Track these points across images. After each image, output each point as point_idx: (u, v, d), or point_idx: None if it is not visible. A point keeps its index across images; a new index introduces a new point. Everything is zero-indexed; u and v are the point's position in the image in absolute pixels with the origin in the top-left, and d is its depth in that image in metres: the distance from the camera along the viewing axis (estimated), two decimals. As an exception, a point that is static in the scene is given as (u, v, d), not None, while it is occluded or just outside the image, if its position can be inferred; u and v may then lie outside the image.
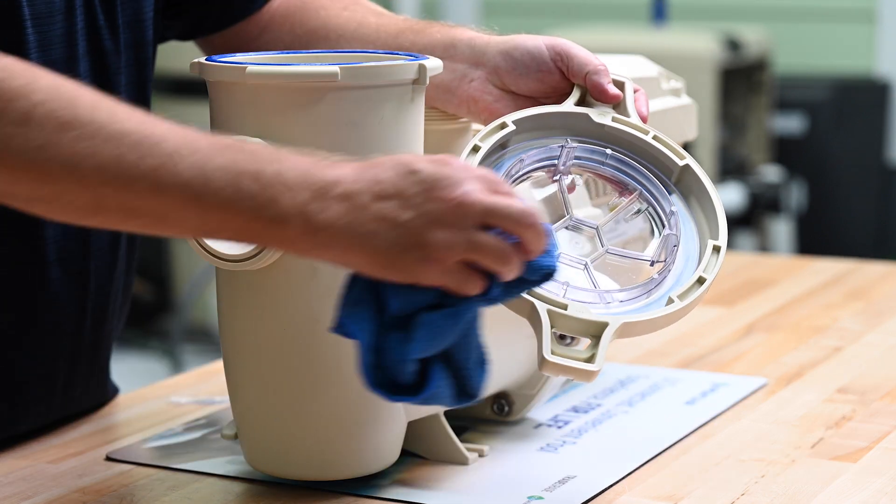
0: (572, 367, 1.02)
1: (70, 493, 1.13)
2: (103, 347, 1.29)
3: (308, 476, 1.12)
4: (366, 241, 0.93)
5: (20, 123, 0.91)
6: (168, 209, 0.93)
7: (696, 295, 1.08)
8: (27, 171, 0.91)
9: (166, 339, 4.04)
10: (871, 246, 4.14)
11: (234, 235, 0.96)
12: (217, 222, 0.94)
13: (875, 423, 1.29)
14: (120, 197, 0.92)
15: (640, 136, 1.15)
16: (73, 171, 0.91)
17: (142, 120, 0.93)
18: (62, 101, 0.92)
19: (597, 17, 4.53)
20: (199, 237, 0.98)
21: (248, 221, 0.93)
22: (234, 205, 0.93)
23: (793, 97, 4.16)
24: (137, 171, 0.92)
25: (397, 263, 0.94)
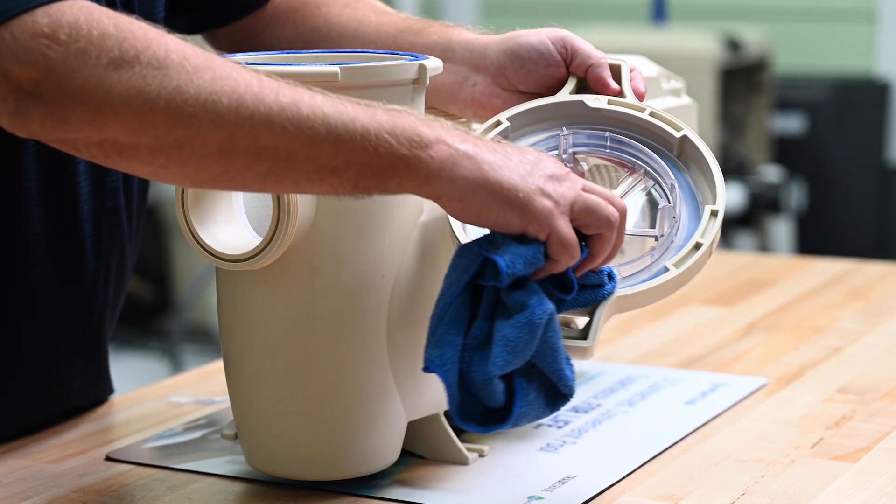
0: (567, 346, 1.02)
1: (70, 493, 1.13)
2: (101, 342, 1.29)
3: (308, 476, 1.12)
4: (496, 169, 0.97)
5: (156, 67, 0.91)
6: (299, 145, 0.94)
7: (692, 261, 1.07)
8: (161, 114, 0.91)
9: (166, 339, 4.04)
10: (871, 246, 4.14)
11: (361, 169, 0.95)
12: (346, 154, 0.95)
13: (875, 423, 1.29)
14: (252, 136, 0.93)
15: (636, 114, 1.15)
16: (210, 109, 0.92)
17: (269, 75, 0.95)
18: (195, 50, 0.93)
19: (597, 17, 4.53)
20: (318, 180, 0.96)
21: (380, 146, 0.95)
22: (368, 132, 0.95)
23: (793, 97, 4.16)
24: (275, 105, 0.93)
25: (520, 198, 0.97)
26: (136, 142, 0.92)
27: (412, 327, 1.10)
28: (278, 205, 1.03)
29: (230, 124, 0.92)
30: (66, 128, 0.91)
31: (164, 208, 4.03)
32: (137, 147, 0.92)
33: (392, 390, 1.11)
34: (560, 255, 1.00)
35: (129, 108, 0.90)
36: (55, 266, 1.21)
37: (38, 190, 1.18)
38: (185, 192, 1.06)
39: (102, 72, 0.90)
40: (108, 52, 0.90)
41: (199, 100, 0.91)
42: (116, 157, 0.93)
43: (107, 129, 0.91)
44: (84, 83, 0.89)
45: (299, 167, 0.95)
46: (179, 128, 0.92)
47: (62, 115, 0.90)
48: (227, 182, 0.96)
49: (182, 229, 1.07)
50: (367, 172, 0.96)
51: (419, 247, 1.10)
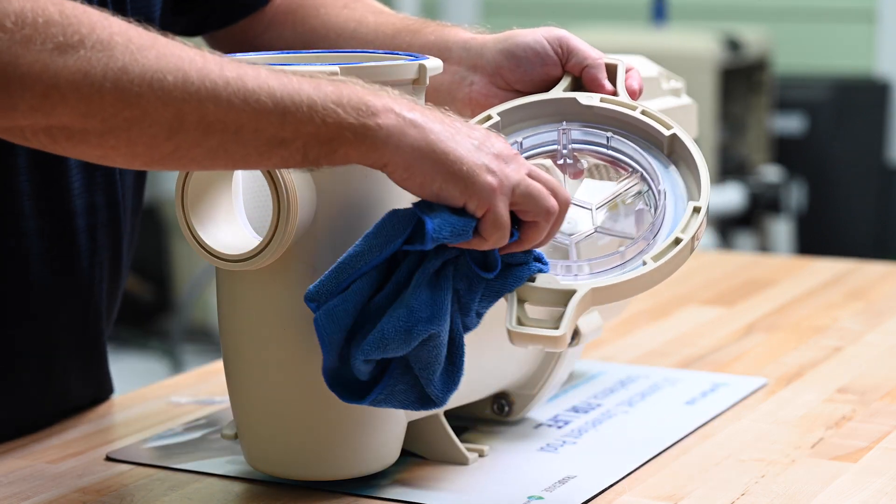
0: (536, 335, 1.02)
1: (70, 493, 1.13)
2: (99, 339, 1.29)
3: (308, 476, 1.12)
4: (444, 140, 0.97)
5: (102, 49, 0.91)
6: (247, 119, 0.94)
7: (670, 255, 1.06)
8: (107, 95, 0.91)
9: (166, 339, 4.04)
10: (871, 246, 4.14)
11: (309, 140, 0.96)
12: (294, 126, 0.95)
13: (875, 423, 1.29)
14: (200, 111, 0.93)
15: (628, 112, 1.15)
16: (156, 87, 0.92)
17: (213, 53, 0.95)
18: (139, 30, 0.93)
19: (597, 17, 4.53)
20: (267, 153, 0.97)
21: (327, 116, 0.95)
22: (315, 103, 0.95)
23: (793, 97, 4.17)
24: (220, 80, 0.93)
25: (464, 171, 0.98)
26: (84, 125, 0.92)
27: (412, 327, 1.10)
28: (278, 205, 1.03)
29: (177, 101, 0.92)
30: (14, 115, 0.91)
31: (164, 208, 4.03)
32: (86, 131, 0.93)
33: (392, 390, 1.10)
34: (490, 234, 1.00)
35: (76, 91, 0.91)
36: (49, 262, 1.21)
37: (31, 185, 1.18)
38: (185, 192, 1.06)
39: (48, 57, 0.90)
40: (53, 37, 0.90)
41: (145, 78, 0.92)
42: (65, 143, 0.94)
43: (55, 115, 0.91)
44: (29, 69, 0.90)
45: (248, 141, 0.95)
46: (127, 108, 0.92)
47: (9, 102, 0.90)
48: (178, 160, 0.96)
49: (182, 229, 1.07)
50: (314, 143, 0.96)
51: (419, 247, 1.10)
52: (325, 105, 0.95)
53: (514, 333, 1.03)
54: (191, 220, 1.07)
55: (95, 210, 1.24)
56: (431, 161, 0.97)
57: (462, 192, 0.98)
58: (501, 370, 1.24)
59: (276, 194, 1.03)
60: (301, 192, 1.03)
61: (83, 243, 1.23)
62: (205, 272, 3.88)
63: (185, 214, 1.07)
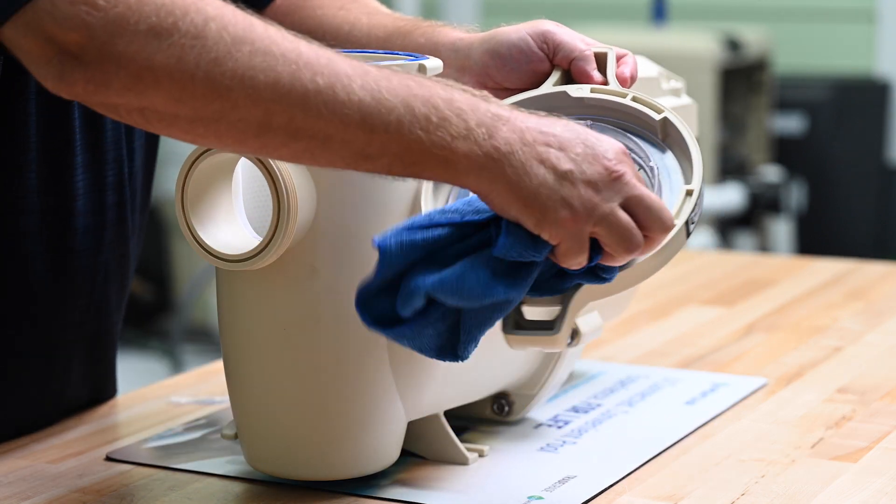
0: (533, 338, 1.02)
1: (70, 493, 1.13)
2: (103, 339, 1.30)
3: (308, 476, 1.12)
4: (520, 175, 0.96)
5: (195, 36, 0.91)
6: (334, 130, 0.94)
7: (664, 242, 1.04)
8: (199, 85, 0.91)
9: (166, 339, 4.04)
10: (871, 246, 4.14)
11: (394, 159, 0.95)
12: (380, 144, 0.95)
13: (875, 423, 1.29)
14: (288, 115, 0.93)
15: (618, 100, 1.15)
16: (247, 84, 0.91)
17: (309, 42, 0.95)
18: (234, 17, 0.93)
19: (597, 17, 4.53)
20: (353, 164, 0.97)
21: (412, 143, 0.94)
22: (402, 126, 0.94)
23: (793, 97, 4.17)
24: (312, 87, 0.93)
25: (537, 206, 0.97)
26: (175, 111, 0.92)
27: (412, 327, 1.10)
28: (278, 205, 1.03)
29: (266, 101, 0.92)
30: (108, 92, 0.91)
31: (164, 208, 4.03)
32: (177, 116, 0.93)
33: (392, 390, 1.11)
34: (564, 262, 0.99)
35: (168, 76, 0.91)
36: (49, 262, 1.21)
37: (38, 181, 1.18)
38: (185, 192, 1.06)
39: (142, 39, 0.90)
40: (147, 18, 0.90)
41: (237, 74, 0.91)
42: (157, 124, 0.94)
43: (147, 97, 0.91)
44: (125, 49, 0.90)
45: (335, 150, 0.95)
46: (217, 100, 0.92)
47: (103, 79, 0.91)
48: (267, 155, 0.97)
49: (182, 229, 1.07)
50: (398, 164, 0.96)
51: (419, 247, 1.10)
52: (412, 130, 0.94)
53: (511, 338, 1.03)
54: (191, 220, 1.07)
55: (104, 209, 1.24)
56: (507, 194, 0.97)
57: (536, 224, 0.97)
58: (501, 370, 1.24)
59: (276, 194, 1.03)
60: (301, 192, 1.03)
61: (83, 243, 1.23)
62: (205, 272, 3.88)
63: (185, 214, 1.07)
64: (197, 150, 1.05)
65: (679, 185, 1.09)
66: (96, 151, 1.22)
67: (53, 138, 1.18)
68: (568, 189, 0.97)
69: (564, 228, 0.97)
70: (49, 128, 1.17)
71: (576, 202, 0.97)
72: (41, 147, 1.17)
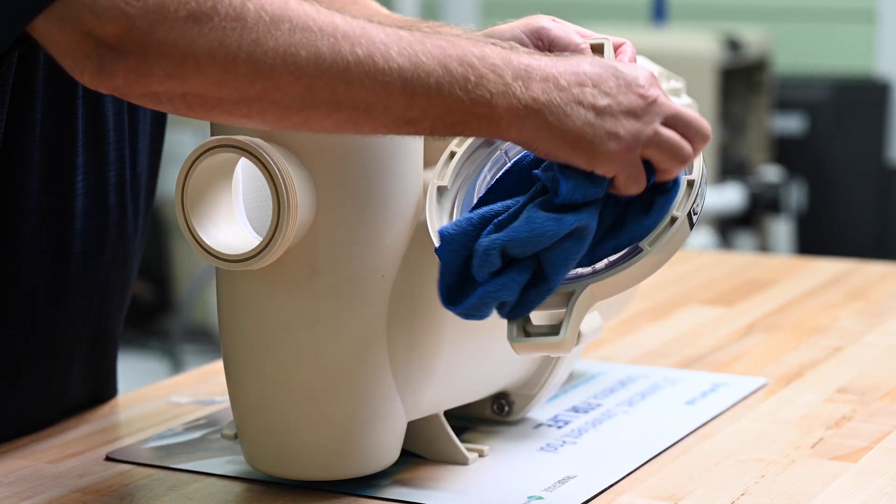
0: (539, 344, 1.02)
1: (70, 493, 1.13)
2: (104, 340, 1.30)
3: (308, 476, 1.12)
4: (562, 120, 0.99)
5: (235, 19, 0.91)
6: (376, 98, 0.95)
7: (667, 237, 1.04)
8: (241, 66, 0.92)
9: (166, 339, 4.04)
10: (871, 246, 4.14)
11: (435, 121, 0.97)
12: (421, 108, 0.96)
13: (875, 423, 1.29)
14: (331, 88, 0.94)
15: None
16: (289, 62, 0.93)
17: (342, 14, 0.96)
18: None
19: (597, 17, 4.54)
20: (395, 129, 0.99)
21: (453, 103, 0.96)
22: (442, 88, 0.96)
23: (793, 97, 4.17)
24: (352, 59, 0.94)
25: (584, 144, 0.99)
26: (218, 94, 0.93)
27: (412, 327, 1.10)
28: (278, 205, 1.03)
29: (309, 77, 0.93)
30: (150, 81, 0.92)
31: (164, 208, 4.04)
32: (220, 99, 0.94)
33: (392, 390, 1.11)
34: (625, 190, 1.02)
35: (211, 60, 0.91)
36: (48, 262, 1.21)
37: (40, 181, 1.18)
38: (185, 192, 1.06)
39: (183, 25, 0.91)
40: (186, 4, 0.91)
41: (279, 53, 0.92)
42: (199, 108, 0.94)
43: (189, 82, 0.92)
44: (166, 36, 0.91)
45: (377, 118, 0.97)
46: (260, 80, 0.93)
47: (145, 68, 0.91)
48: (308, 129, 0.98)
49: (182, 229, 1.07)
50: (441, 124, 0.98)
51: (419, 247, 1.10)
52: (452, 91, 0.96)
53: (517, 346, 1.03)
54: (191, 220, 1.07)
55: (106, 210, 1.24)
56: (553, 139, 0.99)
57: (588, 161, 1.00)
58: (501, 370, 1.24)
59: (276, 194, 1.03)
60: (301, 192, 1.03)
61: (84, 244, 1.23)
62: (205, 272, 3.88)
63: (185, 214, 1.07)
64: (197, 150, 1.05)
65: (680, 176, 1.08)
66: (98, 152, 1.22)
67: (57, 137, 1.18)
68: (610, 122, 1.00)
69: (617, 160, 1.00)
70: (53, 127, 1.17)
71: (621, 132, 1.00)
72: (45, 146, 1.17)
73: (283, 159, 1.02)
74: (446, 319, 1.12)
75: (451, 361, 1.15)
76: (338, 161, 1.05)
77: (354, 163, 1.06)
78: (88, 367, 1.30)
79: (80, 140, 1.20)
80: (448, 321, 1.13)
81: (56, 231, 1.20)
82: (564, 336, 1.01)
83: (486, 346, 1.18)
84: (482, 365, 1.20)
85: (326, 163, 1.05)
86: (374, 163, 1.06)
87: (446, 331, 1.13)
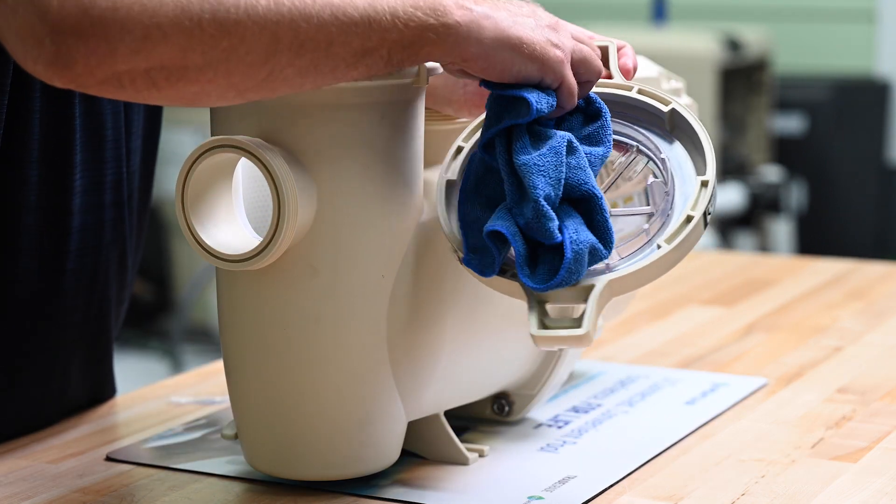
0: (561, 336, 1.02)
1: (70, 493, 1.13)
2: (102, 339, 1.30)
3: (308, 476, 1.12)
4: (515, 28, 1.03)
5: None
6: (336, 31, 0.96)
7: (683, 234, 1.05)
8: (206, 27, 0.91)
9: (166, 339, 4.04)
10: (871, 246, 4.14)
11: (393, 46, 0.99)
12: (379, 35, 0.98)
13: (875, 423, 1.29)
14: (293, 29, 0.94)
15: (624, 93, 1.15)
16: (251, 12, 0.92)
17: None
18: None
19: (597, 17, 4.54)
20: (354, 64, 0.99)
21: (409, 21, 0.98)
22: (397, 9, 0.98)
23: (793, 97, 4.17)
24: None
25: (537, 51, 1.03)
26: (184, 62, 0.92)
27: (412, 327, 1.10)
28: (278, 205, 1.03)
29: (272, 23, 0.94)
30: (114, 61, 0.90)
31: (164, 208, 4.04)
32: (185, 67, 0.92)
33: (392, 390, 1.11)
34: (567, 102, 1.06)
35: (176, 27, 0.91)
36: (50, 259, 1.21)
37: (39, 178, 1.18)
38: (185, 192, 1.06)
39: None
40: None
41: (240, 5, 0.92)
42: (164, 83, 0.93)
43: (155, 54, 0.91)
44: (129, 11, 0.89)
45: (338, 54, 0.97)
46: (226, 37, 0.92)
47: (108, 48, 0.89)
48: (271, 84, 0.97)
49: (182, 229, 1.07)
50: (398, 48, 0.99)
51: (419, 247, 1.10)
52: (406, 10, 0.98)
53: (539, 338, 1.02)
54: (191, 220, 1.07)
55: (102, 208, 1.24)
56: (509, 48, 1.02)
57: (539, 69, 1.04)
58: (501, 370, 1.24)
59: (276, 194, 1.03)
60: (301, 192, 1.03)
61: (81, 242, 1.23)
62: (205, 272, 3.88)
63: (185, 214, 1.07)
64: (197, 150, 1.05)
65: (691, 175, 1.09)
66: (96, 150, 1.22)
67: (55, 135, 1.18)
68: (548, 31, 1.05)
69: (560, 67, 1.05)
70: (51, 125, 1.17)
71: (558, 41, 1.06)
72: (43, 144, 1.17)
73: (283, 159, 1.02)
74: (446, 319, 1.12)
75: (451, 361, 1.15)
76: (338, 161, 1.05)
77: (354, 163, 1.06)
78: (88, 366, 1.30)
79: (78, 138, 1.20)
80: (448, 321, 1.13)
81: (53, 228, 1.20)
82: (587, 328, 1.01)
83: (486, 347, 1.18)
84: (482, 365, 1.20)
85: (326, 163, 1.05)
86: (374, 163, 1.06)
87: (446, 331, 1.13)
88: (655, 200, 1.10)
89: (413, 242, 1.10)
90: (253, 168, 1.09)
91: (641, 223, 1.09)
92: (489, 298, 1.15)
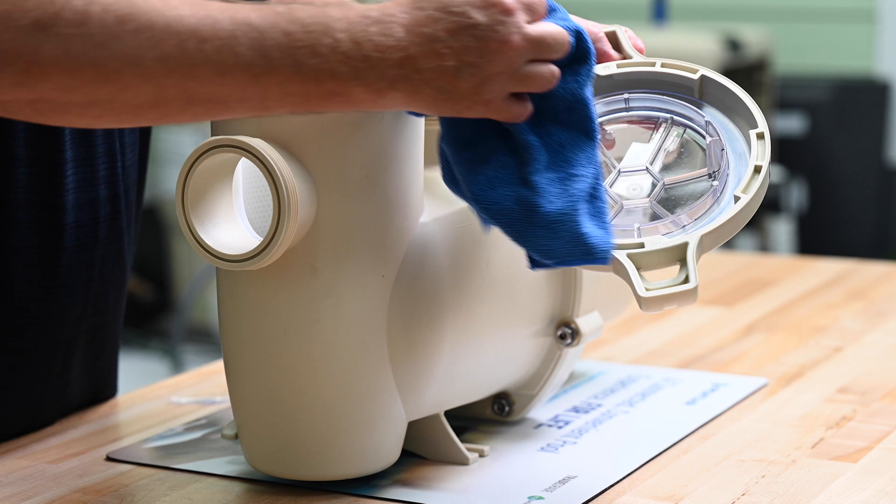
0: (672, 294, 1.01)
1: (70, 493, 1.13)
2: (101, 336, 1.30)
3: (308, 476, 1.12)
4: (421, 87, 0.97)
5: (78, 24, 0.90)
6: (229, 91, 0.94)
7: (757, 184, 1.07)
8: (88, 71, 0.91)
9: (166, 339, 4.04)
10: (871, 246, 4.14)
11: (295, 106, 0.96)
12: (278, 96, 0.95)
13: (875, 423, 1.29)
14: (182, 86, 0.93)
15: (648, 69, 1.15)
16: (136, 64, 0.91)
17: (192, 2, 0.94)
18: None
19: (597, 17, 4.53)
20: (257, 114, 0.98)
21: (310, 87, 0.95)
22: (296, 76, 0.94)
23: (793, 97, 4.17)
24: (199, 56, 0.92)
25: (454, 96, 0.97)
26: (67, 99, 0.92)
27: (412, 327, 1.10)
28: (278, 205, 1.03)
29: (157, 77, 0.92)
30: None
31: (164, 208, 4.04)
32: (69, 103, 0.93)
33: (392, 390, 1.11)
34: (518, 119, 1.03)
35: (57, 67, 0.90)
36: (45, 257, 1.21)
37: (28, 176, 1.18)
38: (185, 192, 1.06)
39: (27, 33, 0.89)
40: (29, 12, 0.89)
41: (125, 56, 0.91)
42: (51, 114, 0.93)
43: (37, 89, 0.91)
44: (10, 46, 0.89)
45: (234, 108, 0.96)
46: (107, 84, 0.92)
47: None
48: (167, 122, 0.96)
49: (182, 229, 1.07)
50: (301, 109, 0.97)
51: (419, 247, 1.10)
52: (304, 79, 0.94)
53: (647, 300, 1.01)
54: (191, 220, 1.07)
55: (97, 204, 1.24)
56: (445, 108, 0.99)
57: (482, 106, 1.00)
58: (502, 370, 1.24)
59: (276, 194, 1.03)
60: (301, 192, 1.03)
61: (77, 239, 1.23)
62: (205, 272, 3.88)
63: (185, 214, 1.07)
64: (197, 150, 1.05)
65: (734, 133, 1.10)
66: (87, 146, 1.22)
67: (43, 131, 1.18)
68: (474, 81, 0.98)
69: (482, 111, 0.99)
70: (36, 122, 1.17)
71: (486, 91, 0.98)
72: (30, 141, 1.17)
73: (283, 159, 1.02)
74: (446, 319, 1.12)
75: (451, 361, 1.15)
76: (338, 161, 1.05)
77: (354, 163, 1.06)
78: (87, 365, 1.30)
79: (68, 133, 1.20)
80: (448, 321, 1.13)
81: (48, 226, 1.20)
82: (695, 282, 1.02)
83: (486, 347, 1.18)
84: (482, 365, 1.20)
85: (326, 163, 1.05)
86: (374, 163, 1.06)
87: (446, 331, 1.13)
88: (714, 159, 1.10)
89: (413, 242, 1.10)
90: (253, 168, 1.09)
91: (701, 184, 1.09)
92: (489, 298, 1.15)
